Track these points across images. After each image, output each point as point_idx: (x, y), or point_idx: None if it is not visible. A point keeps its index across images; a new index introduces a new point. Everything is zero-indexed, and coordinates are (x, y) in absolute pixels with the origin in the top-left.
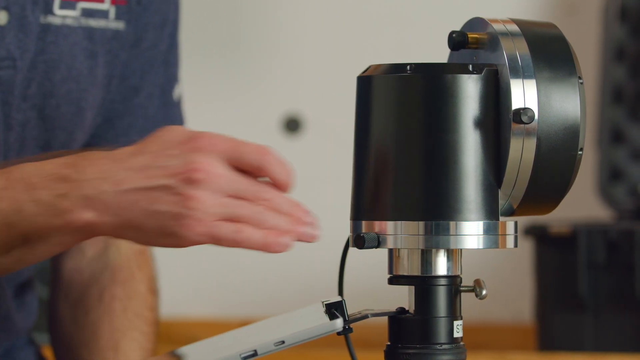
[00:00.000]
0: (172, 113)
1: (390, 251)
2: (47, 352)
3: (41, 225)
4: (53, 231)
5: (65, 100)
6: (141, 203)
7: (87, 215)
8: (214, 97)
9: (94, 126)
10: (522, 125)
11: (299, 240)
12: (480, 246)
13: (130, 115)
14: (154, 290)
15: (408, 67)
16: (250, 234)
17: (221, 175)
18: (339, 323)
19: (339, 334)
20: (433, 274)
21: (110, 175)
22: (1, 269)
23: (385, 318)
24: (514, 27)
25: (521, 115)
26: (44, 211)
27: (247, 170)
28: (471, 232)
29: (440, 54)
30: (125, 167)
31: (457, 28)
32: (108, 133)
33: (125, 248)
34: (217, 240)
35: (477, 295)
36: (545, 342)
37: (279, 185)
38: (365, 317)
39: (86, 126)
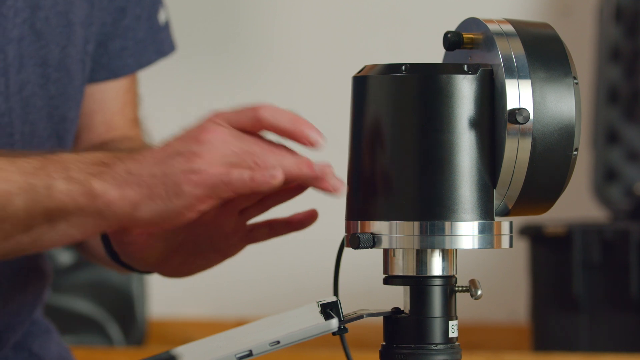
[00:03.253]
0: (160, 36)
1: (386, 251)
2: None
3: (66, 202)
4: (76, 210)
5: (53, 12)
6: (159, 170)
7: (113, 194)
8: (209, 96)
9: (89, 49)
10: (517, 126)
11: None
12: (476, 246)
13: (120, 37)
14: None
15: (403, 67)
16: (254, 174)
17: (226, 132)
18: (334, 323)
19: (334, 334)
20: (428, 274)
21: (141, 158)
22: (19, 249)
23: (381, 318)
24: (509, 28)
25: (516, 115)
26: (72, 188)
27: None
28: (466, 232)
29: (435, 54)
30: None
31: (452, 28)
32: (102, 58)
33: None
34: (225, 185)
35: (472, 296)
36: (540, 342)
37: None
38: (360, 317)
39: (78, 43)
